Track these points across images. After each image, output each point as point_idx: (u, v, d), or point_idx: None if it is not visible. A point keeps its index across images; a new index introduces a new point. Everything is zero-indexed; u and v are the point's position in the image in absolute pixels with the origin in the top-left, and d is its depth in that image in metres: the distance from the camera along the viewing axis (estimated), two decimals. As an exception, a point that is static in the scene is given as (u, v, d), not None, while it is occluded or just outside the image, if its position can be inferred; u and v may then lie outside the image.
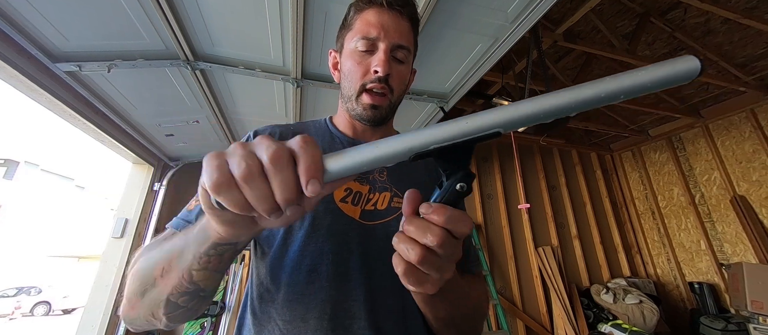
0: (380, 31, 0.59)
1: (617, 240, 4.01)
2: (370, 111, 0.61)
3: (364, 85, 0.60)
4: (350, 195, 0.60)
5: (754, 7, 2.27)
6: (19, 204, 13.40)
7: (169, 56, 1.47)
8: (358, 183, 0.62)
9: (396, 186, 0.64)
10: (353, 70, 0.61)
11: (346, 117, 0.68)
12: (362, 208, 0.60)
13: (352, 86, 0.61)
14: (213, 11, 1.28)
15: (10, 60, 1.27)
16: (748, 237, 3.13)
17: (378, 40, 0.59)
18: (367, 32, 0.59)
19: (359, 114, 0.62)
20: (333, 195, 0.58)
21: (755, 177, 3.18)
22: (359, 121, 0.64)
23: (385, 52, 0.59)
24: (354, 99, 0.61)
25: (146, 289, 0.44)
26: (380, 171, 0.65)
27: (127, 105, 1.77)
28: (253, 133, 0.63)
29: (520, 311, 3.20)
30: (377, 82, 0.60)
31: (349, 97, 0.62)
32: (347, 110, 0.65)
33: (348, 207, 0.59)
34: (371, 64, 0.60)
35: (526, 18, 1.31)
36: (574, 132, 4.38)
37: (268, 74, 1.60)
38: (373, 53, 0.60)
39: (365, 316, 0.54)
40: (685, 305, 3.58)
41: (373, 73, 0.59)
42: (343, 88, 0.65)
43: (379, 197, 0.62)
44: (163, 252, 0.45)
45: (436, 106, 2.01)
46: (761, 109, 3.16)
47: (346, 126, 0.69)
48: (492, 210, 3.57)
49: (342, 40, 0.65)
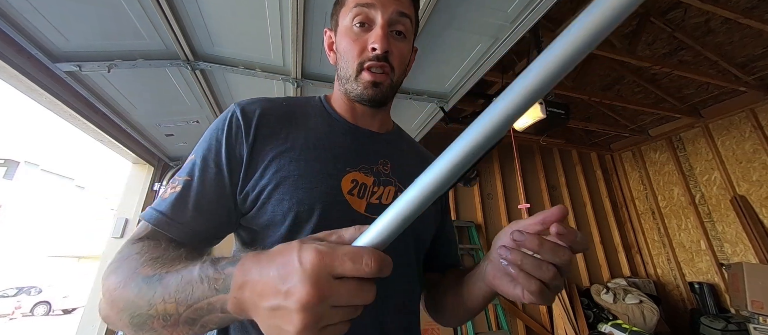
0: (376, 2, 0.55)
1: (617, 240, 4.01)
2: (371, 89, 0.56)
3: (362, 63, 0.56)
4: (356, 187, 0.57)
5: (754, 7, 2.27)
6: (19, 204, 13.40)
7: (169, 56, 1.47)
8: (362, 173, 0.58)
9: (400, 181, 0.62)
10: (349, 48, 0.56)
11: (344, 99, 0.63)
12: (368, 201, 0.57)
13: (350, 66, 0.57)
14: (213, 11, 1.28)
15: (10, 60, 1.27)
16: (748, 237, 3.13)
17: (374, 12, 0.55)
18: (359, 2, 0.55)
19: (359, 94, 0.57)
20: (341, 186, 0.55)
21: (755, 177, 3.18)
22: (359, 102, 0.60)
23: (383, 27, 0.55)
24: (353, 78, 0.57)
25: (140, 326, 0.37)
26: (384, 163, 0.62)
27: (127, 105, 1.77)
28: (238, 109, 0.56)
29: (520, 311, 3.20)
30: (375, 60, 0.55)
31: (347, 77, 0.58)
32: (346, 93, 0.60)
33: (354, 200, 0.56)
34: (368, 40, 0.55)
35: (526, 18, 1.31)
36: (574, 132, 4.38)
37: (268, 74, 1.60)
38: (370, 29, 0.56)
39: (369, 313, 0.53)
40: (685, 305, 3.58)
41: (371, 51, 0.55)
42: (339, 69, 0.60)
43: (383, 191, 0.59)
44: (167, 295, 0.35)
45: (436, 106, 2.01)
46: (761, 108, 3.16)
47: (344, 109, 0.64)
48: (492, 210, 3.56)
49: (336, 18, 0.60)
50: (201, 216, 0.50)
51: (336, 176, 0.55)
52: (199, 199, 0.50)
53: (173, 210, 0.49)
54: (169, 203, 0.49)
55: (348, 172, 0.56)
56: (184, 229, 0.49)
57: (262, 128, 0.55)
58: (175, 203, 0.49)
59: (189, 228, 0.49)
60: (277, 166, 0.53)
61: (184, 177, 0.51)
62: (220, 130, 0.54)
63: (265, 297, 0.30)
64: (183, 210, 0.49)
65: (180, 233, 0.49)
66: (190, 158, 0.54)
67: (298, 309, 0.28)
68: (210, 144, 0.54)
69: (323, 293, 0.28)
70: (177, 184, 0.51)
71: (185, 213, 0.49)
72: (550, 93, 2.29)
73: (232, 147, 0.53)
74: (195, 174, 0.51)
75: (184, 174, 0.52)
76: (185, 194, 0.50)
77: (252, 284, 0.32)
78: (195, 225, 0.50)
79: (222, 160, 0.52)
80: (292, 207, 0.51)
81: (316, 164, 0.55)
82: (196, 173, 0.51)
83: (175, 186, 0.51)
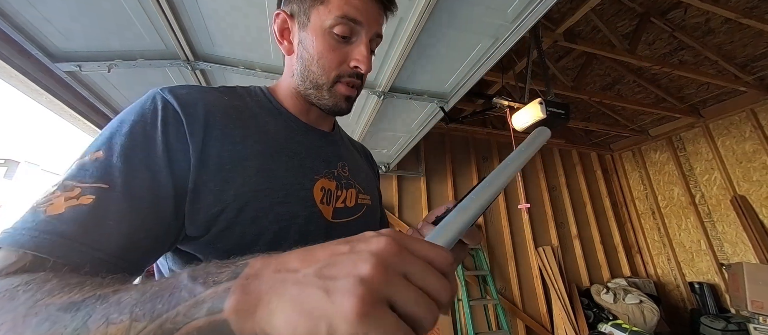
0: (363, 17, 0.51)
1: (617, 240, 4.01)
2: (344, 102, 0.54)
3: (340, 75, 0.53)
4: (325, 194, 0.54)
5: (754, 7, 2.27)
6: (20, 204, 13.40)
7: (169, 56, 1.47)
8: (327, 179, 0.55)
9: (358, 183, 0.61)
10: (326, 56, 0.52)
11: (300, 99, 0.57)
12: (334, 206, 0.55)
13: (325, 75, 0.52)
14: (213, 11, 1.28)
15: (10, 60, 1.27)
16: (748, 237, 3.13)
17: (360, 29, 0.51)
18: (348, 14, 0.50)
19: (330, 105, 0.54)
20: (313, 196, 0.52)
21: (755, 177, 3.18)
22: (324, 110, 0.56)
23: (367, 46, 0.52)
24: (326, 89, 0.53)
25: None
26: (342, 165, 0.59)
27: (127, 105, 1.77)
28: (171, 96, 0.45)
29: (520, 311, 3.21)
30: (355, 77, 0.53)
31: (315, 83, 0.53)
32: (308, 96, 0.55)
33: (324, 208, 0.53)
34: (350, 55, 0.52)
35: (526, 18, 1.31)
36: (574, 132, 4.38)
37: (268, 74, 1.61)
38: (350, 40, 0.52)
39: None
40: (686, 305, 3.58)
41: (352, 67, 0.52)
42: (304, 70, 0.54)
43: (346, 194, 0.57)
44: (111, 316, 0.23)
45: (436, 105, 2.01)
46: (761, 108, 3.16)
47: (297, 108, 0.58)
48: (492, 209, 3.56)
49: (306, 9, 0.52)
50: (128, 242, 0.35)
51: (308, 187, 0.51)
52: (124, 216, 0.35)
53: (83, 230, 0.33)
54: (73, 220, 0.33)
55: (317, 180, 0.53)
56: (112, 262, 0.34)
57: (212, 128, 0.45)
58: (86, 221, 0.33)
59: (117, 258, 0.34)
60: (241, 177, 0.44)
61: (95, 183, 0.35)
62: (150, 122, 0.41)
63: (315, 258, 0.23)
64: (99, 231, 0.34)
65: (106, 269, 0.32)
66: (93, 155, 0.37)
67: (369, 255, 0.22)
68: (133, 139, 0.39)
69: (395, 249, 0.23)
70: (80, 193, 0.34)
71: (104, 237, 0.34)
72: (550, 93, 2.29)
73: (171, 148, 0.41)
74: (115, 179, 0.36)
75: (92, 178, 0.35)
76: (101, 208, 0.34)
77: (287, 259, 0.24)
78: (127, 254, 0.35)
79: (158, 163, 0.39)
80: (269, 226, 0.45)
81: (286, 174, 0.49)
82: (118, 178, 0.36)
83: (75, 195, 0.34)
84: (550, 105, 2.12)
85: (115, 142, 0.38)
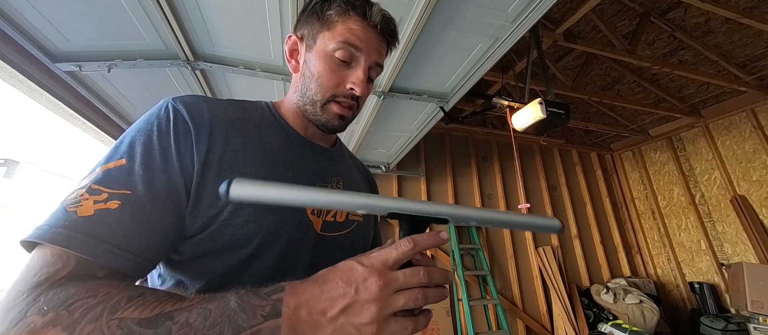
0: (364, 46, 0.56)
1: (617, 240, 4.01)
2: (337, 121, 0.58)
3: (335, 96, 0.57)
4: None
5: (754, 7, 2.27)
6: (20, 204, 13.40)
7: (169, 56, 1.47)
8: None
9: None
10: (325, 76, 0.56)
11: (299, 115, 0.62)
12: (323, 219, 0.57)
13: (320, 92, 0.57)
14: (213, 11, 1.28)
15: (10, 60, 1.27)
16: (748, 237, 3.13)
17: (360, 55, 0.56)
18: (350, 41, 0.55)
19: (324, 122, 0.58)
20: None
21: (755, 177, 3.18)
22: (319, 127, 0.60)
23: (365, 71, 0.56)
24: (320, 106, 0.57)
25: None
26: (337, 180, 0.63)
27: (127, 105, 1.77)
28: (182, 106, 0.49)
29: (520, 311, 3.21)
30: (349, 98, 0.57)
31: (312, 100, 0.57)
32: (305, 112, 0.60)
33: (315, 219, 0.55)
34: (347, 77, 0.56)
35: (526, 18, 1.31)
36: (574, 132, 4.38)
37: (268, 74, 1.60)
38: (349, 65, 0.56)
39: None
40: (686, 305, 3.58)
41: (348, 89, 0.56)
42: (304, 87, 0.59)
43: None
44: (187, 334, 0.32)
45: (436, 105, 2.01)
46: (761, 108, 3.16)
47: (297, 123, 0.62)
48: (492, 210, 3.56)
49: (313, 34, 0.58)
50: (150, 242, 0.40)
51: None
52: (145, 219, 0.40)
53: (111, 232, 0.37)
54: (102, 223, 0.37)
55: None
56: (136, 261, 0.38)
57: (216, 136, 0.49)
58: (113, 224, 0.37)
59: (140, 258, 0.39)
60: None
61: (120, 189, 0.39)
62: (164, 131, 0.45)
63: (333, 304, 0.34)
64: (124, 232, 0.38)
65: (131, 266, 0.38)
66: (117, 163, 0.42)
67: (369, 296, 0.34)
68: (151, 147, 0.44)
69: (387, 279, 0.36)
70: (107, 198, 0.38)
71: (128, 238, 0.38)
72: (550, 93, 2.29)
73: (182, 154, 0.45)
74: (137, 186, 0.41)
75: (118, 185, 0.40)
76: (126, 211, 0.39)
77: (312, 301, 0.35)
78: (147, 254, 0.40)
79: (173, 168, 0.44)
80: (258, 231, 0.48)
81: None
82: (140, 185, 0.41)
83: (102, 199, 0.38)
84: (550, 105, 2.12)
85: (135, 151, 0.43)
